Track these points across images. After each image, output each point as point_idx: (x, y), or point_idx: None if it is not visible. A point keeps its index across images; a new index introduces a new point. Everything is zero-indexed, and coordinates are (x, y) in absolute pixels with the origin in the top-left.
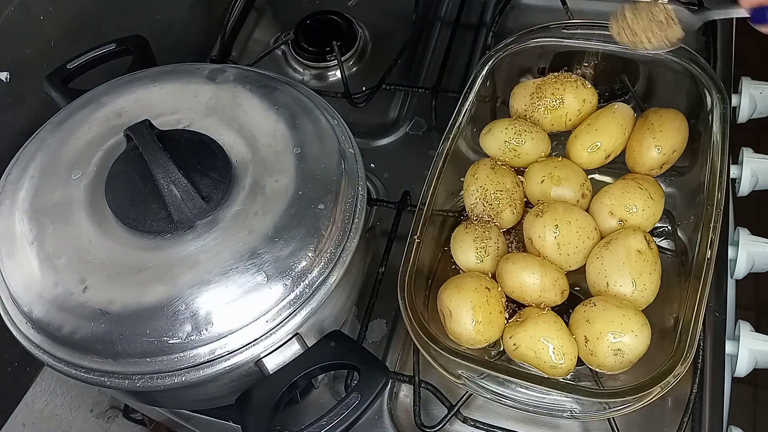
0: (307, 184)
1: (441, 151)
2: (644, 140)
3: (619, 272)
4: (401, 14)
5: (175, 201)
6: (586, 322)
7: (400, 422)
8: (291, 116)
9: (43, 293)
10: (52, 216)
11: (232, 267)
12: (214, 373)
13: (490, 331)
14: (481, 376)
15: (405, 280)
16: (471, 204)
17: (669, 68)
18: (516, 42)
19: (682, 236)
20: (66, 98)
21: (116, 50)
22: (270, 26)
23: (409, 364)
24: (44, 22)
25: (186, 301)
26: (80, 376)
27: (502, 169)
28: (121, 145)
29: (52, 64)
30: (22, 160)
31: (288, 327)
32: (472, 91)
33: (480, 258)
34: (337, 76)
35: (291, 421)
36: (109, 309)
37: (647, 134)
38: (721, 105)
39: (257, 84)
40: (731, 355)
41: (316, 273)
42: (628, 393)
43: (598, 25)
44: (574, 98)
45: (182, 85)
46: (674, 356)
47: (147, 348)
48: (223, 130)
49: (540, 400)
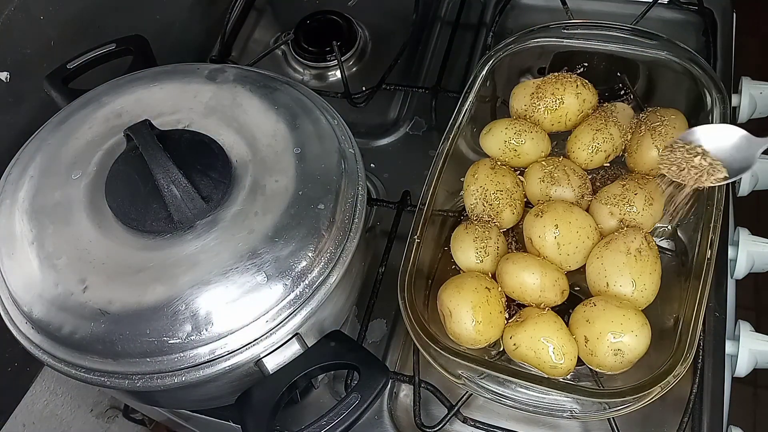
0: (307, 184)
1: (441, 151)
2: (644, 140)
3: (619, 272)
4: (401, 14)
5: (175, 201)
6: (586, 322)
7: (400, 422)
8: (291, 116)
9: (43, 293)
10: (52, 216)
11: (232, 267)
12: (214, 373)
13: (490, 331)
14: (481, 376)
15: (405, 280)
16: (471, 204)
17: (669, 68)
18: (516, 42)
19: (682, 236)
20: (66, 98)
21: (116, 50)
22: (270, 26)
23: (409, 364)
24: (44, 22)
25: (186, 301)
26: (80, 376)
27: (502, 169)
28: (121, 145)
29: (52, 64)
30: (22, 160)
31: (288, 327)
32: (472, 91)
33: (480, 258)
34: (337, 76)
35: (291, 421)
36: (109, 309)
37: (647, 134)
38: (721, 105)
39: (257, 84)
40: (731, 355)
41: (316, 273)
42: (628, 393)
43: (598, 25)
44: (574, 98)
45: (182, 85)
46: (674, 356)
47: (147, 348)
48: (223, 130)
49: (540, 400)
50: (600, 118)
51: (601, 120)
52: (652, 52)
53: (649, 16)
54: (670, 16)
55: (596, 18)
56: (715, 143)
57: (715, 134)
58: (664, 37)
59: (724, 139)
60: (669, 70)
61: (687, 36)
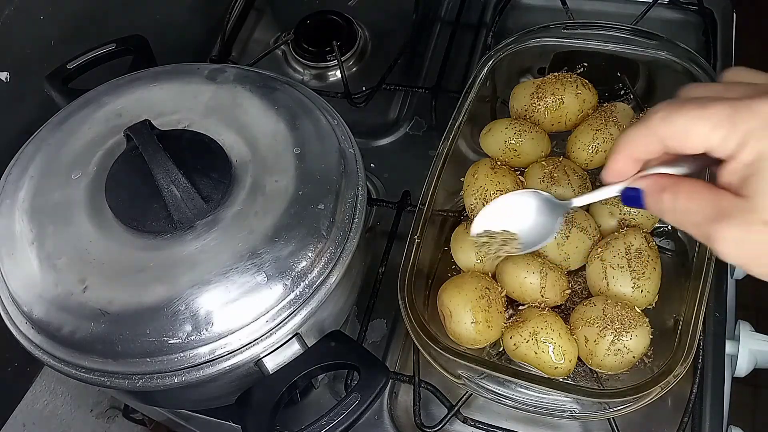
0: (307, 184)
1: (441, 151)
2: None
3: (619, 272)
4: (401, 14)
5: (175, 201)
6: (586, 322)
7: (400, 422)
8: (291, 116)
9: (43, 293)
10: (52, 216)
11: (232, 267)
12: (214, 373)
13: (490, 331)
14: (481, 376)
15: (405, 280)
16: (471, 204)
17: (669, 68)
18: (516, 42)
19: (682, 236)
20: (66, 98)
21: (116, 50)
22: (270, 26)
23: (409, 364)
24: (44, 22)
25: (186, 301)
26: (80, 376)
27: (502, 169)
28: (121, 145)
29: (52, 64)
30: (22, 160)
31: (288, 327)
32: (472, 91)
33: (480, 258)
34: (337, 76)
35: (291, 421)
36: (109, 309)
37: None
38: None
39: (257, 84)
40: (731, 355)
41: (316, 273)
42: (628, 393)
43: (598, 25)
44: (574, 98)
45: (182, 85)
46: (674, 356)
47: (147, 348)
48: (223, 130)
49: (540, 400)
50: (600, 118)
51: (601, 120)
52: (652, 52)
53: (649, 16)
54: (670, 16)
55: (596, 18)
56: (519, 210)
57: (518, 201)
58: (664, 37)
59: (527, 204)
60: (669, 70)
61: (687, 36)
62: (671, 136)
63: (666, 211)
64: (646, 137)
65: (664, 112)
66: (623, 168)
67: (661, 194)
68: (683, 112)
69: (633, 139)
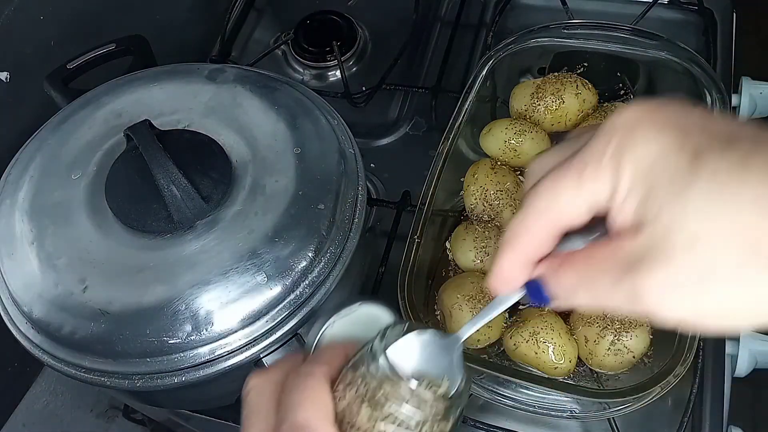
0: (307, 184)
1: (441, 151)
2: None
3: None
4: (401, 14)
5: (175, 201)
6: (586, 322)
7: None
8: (291, 116)
9: (43, 293)
10: (52, 216)
11: (232, 267)
12: (214, 373)
13: (490, 331)
14: (481, 376)
15: (405, 280)
16: (471, 204)
17: (669, 68)
18: (516, 42)
19: None
20: (66, 98)
21: (116, 50)
22: (270, 26)
23: None
24: (44, 22)
25: (186, 301)
26: (80, 376)
27: (502, 169)
28: (121, 145)
29: (52, 64)
30: (22, 160)
31: (288, 327)
32: (472, 91)
33: (480, 258)
34: (337, 76)
35: None
36: (109, 309)
37: None
38: (721, 105)
39: (257, 84)
40: (731, 355)
41: (316, 273)
42: (628, 393)
43: (598, 25)
44: (574, 98)
45: (182, 85)
46: (674, 356)
47: (147, 348)
48: (223, 130)
49: (540, 400)
50: (600, 118)
51: (601, 120)
52: (652, 52)
53: (649, 17)
54: (670, 16)
55: (596, 18)
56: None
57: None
58: (664, 37)
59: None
60: (669, 70)
61: (687, 36)
62: (560, 216)
63: (571, 287)
64: (538, 231)
65: (545, 197)
66: (514, 273)
67: (558, 272)
68: (562, 187)
69: (523, 235)
